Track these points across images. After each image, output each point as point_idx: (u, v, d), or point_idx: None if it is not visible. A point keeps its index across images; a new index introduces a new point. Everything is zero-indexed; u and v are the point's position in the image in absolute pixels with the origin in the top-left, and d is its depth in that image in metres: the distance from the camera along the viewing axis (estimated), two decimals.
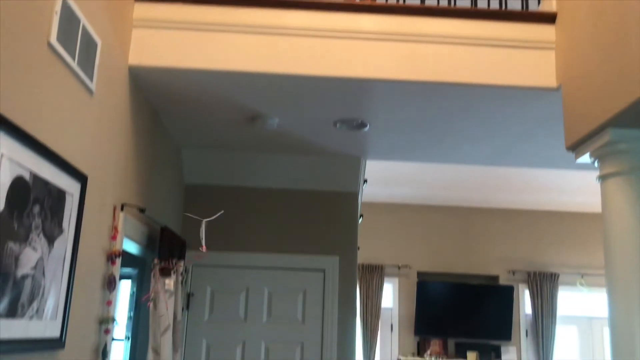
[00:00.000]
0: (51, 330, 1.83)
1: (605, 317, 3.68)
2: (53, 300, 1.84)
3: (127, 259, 3.09)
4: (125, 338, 4.00)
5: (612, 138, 2.26)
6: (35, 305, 1.72)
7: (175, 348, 2.96)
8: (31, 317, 1.70)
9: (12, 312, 1.60)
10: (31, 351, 1.76)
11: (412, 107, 2.84)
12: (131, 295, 3.99)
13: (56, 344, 1.89)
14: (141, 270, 3.79)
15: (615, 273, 3.14)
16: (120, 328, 5.30)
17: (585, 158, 2.53)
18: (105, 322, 2.32)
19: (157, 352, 2.74)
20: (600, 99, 2.28)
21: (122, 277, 5.31)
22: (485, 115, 2.94)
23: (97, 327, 2.28)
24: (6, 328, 1.56)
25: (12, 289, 1.59)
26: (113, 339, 2.43)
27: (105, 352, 2.29)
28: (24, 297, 1.65)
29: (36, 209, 1.71)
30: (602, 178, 2.41)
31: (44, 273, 1.77)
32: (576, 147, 2.52)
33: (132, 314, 3.81)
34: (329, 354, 3.62)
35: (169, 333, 2.84)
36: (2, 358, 1.60)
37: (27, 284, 1.67)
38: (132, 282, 4.05)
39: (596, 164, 2.49)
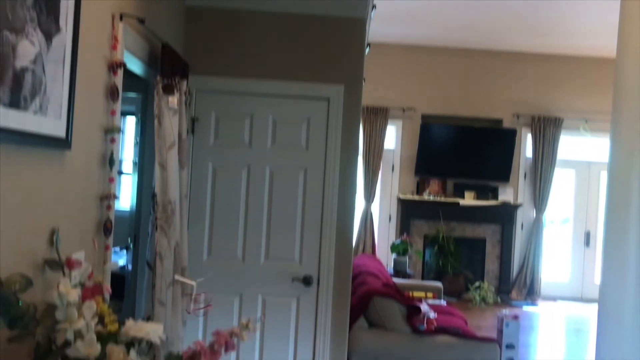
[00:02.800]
0: (56, 128, 1.84)
1: (604, 162, 3.72)
2: (56, 100, 1.83)
3: (130, 83, 3.05)
4: (133, 164, 4.09)
5: None
6: (37, 101, 1.71)
7: (181, 165, 3.02)
8: (35, 112, 1.70)
9: (15, 103, 1.59)
10: (39, 146, 1.79)
11: None
12: (137, 126, 4.02)
13: (63, 143, 1.91)
14: (144, 96, 3.77)
15: (621, 117, 3.13)
16: (127, 164, 5.40)
17: None
18: (111, 131, 2.33)
19: (163, 167, 2.80)
20: None
21: (126, 113, 5.33)
22: None
23: (102, 135, 2.30)
24: (11, 118, 1.56)
25: (12, 80, 1.57)
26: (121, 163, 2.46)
27: (112, 160, 2.34)
28: (26, 90, 1.64)
29: (29, 0, 1.64)
30: None
31: (44, 70, 1.74)
32: None
33: (138, 146, 3.86)
34: (331, 180, 3.71)
35: (174, 150, 2.88)
36: (12, 149, 1.62)
37: (28, 77, 1.65)
38: (137, 120, 4.07)
39: None
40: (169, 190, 2.85)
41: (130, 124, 6.38)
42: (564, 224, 9.30)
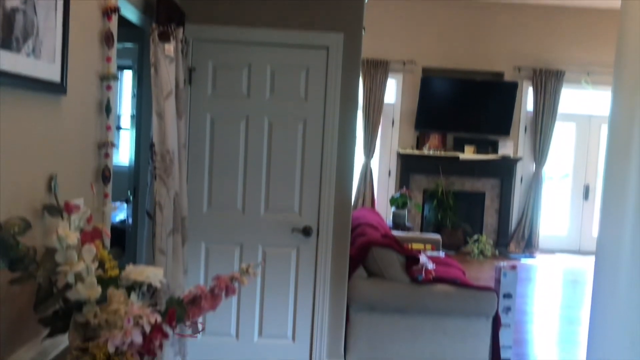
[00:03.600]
0: (50, 72, 1.82)
1: (605, 116, 3.69)
2: (49, 43, 1.80)
3: (126, 33, 2.99)
4: (131, 118, 4.05)
5: None
6: (30, 43, 1.68)
7: (179, 115, 2.99)
8: (28, 55, 1.67)
9: (7, 44, 1.56)
10: (33, 90, 1.76)
11: None
12: (133, 79, 3.97)
13: (58, 88, 1.89)
14: (140, 47, 3.71)
15: (624, 70, 3.07)
16: (125, 120, 5.36)
17: None
18: (107, 78, 2.30)
19: (161, 117, 2.78)
20: None
21: (123, 67, 5.25)
22: None
23: (98, 82, 2.27)
24: (3, 59, 1.54)
25: (2, 20, 1.53)
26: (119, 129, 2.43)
27: (108, 108, 2.32)
28: (17, 31, 1.61)
29: None
30: None
31: (35, 11, 1.70)
32: None
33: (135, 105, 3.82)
34: (330, 131, 3.69)
35: (172, 99, 2.85)
36: (7, 92, 1.60)
37: (19, 18, 1.61)
38: (133, 72, 4.01)
39: None
40: (167, 139, 2.83)
41: (127, 78, 6.32)
42: (563, 179, 9.31)
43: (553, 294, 6.70)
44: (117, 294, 1.73)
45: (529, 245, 8.83)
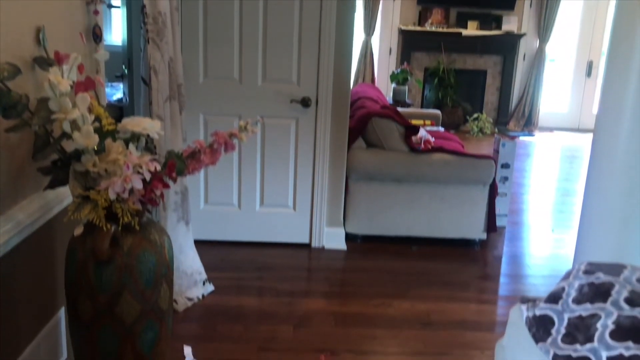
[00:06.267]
0: None
1: None
2: None
3: None
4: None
5: None
6: None
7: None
8: None
9: None
10: None
11: None
12: None
13: None
14: None
15: None
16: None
17: None
18: (92, 1, 2.16)
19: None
20: None
21: None
22: None
23: (84, 6, 2.14)
24: None
25: None
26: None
27: (95, 35, 2.19)
28: None
29: None
30: None
31: None
32: None
33: None
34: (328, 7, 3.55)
35: None
36: None
37: None
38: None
39: None
40: (158, 0, 2.72)
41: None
42: (565, 59, 9.11)
43: (550, 169, 6.78)
44: (116, 145, 1.72)
45: (529, 124, 8.82)
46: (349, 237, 4.03)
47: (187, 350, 2.60)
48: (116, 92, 5.26)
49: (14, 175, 1.71)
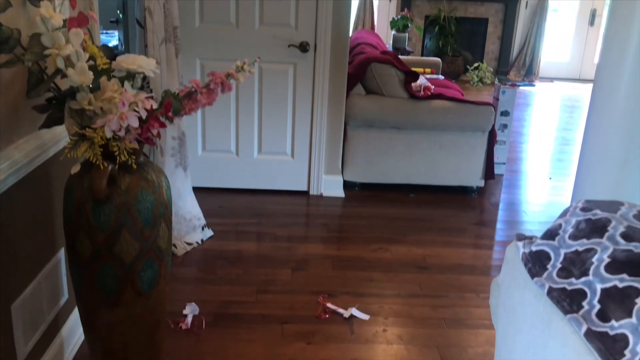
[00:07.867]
0: None
1: None
2: None
3: None
4: None
5: None
6: None
7: None
8: None
9: None
10: None
11: None
12: None
13: None
14: None
15: None
16: None
17: None
18: None
19: None
20: None
21: None
22: None
23: None
24: None
25: None
26: None
27: None
28: None
29: None
30: None
31: None
32: None
33: None
34: None
35: None
36: None
37: None
38: None
39: None
40: None
41: None
42: (568, 8, 8.93)
43: (550, 118, 6.74)
44: (111, 83, 1.70)
45: (529, 73, 8.73)
46: (347, 185, 4.04)
47: (189, 309, 2.64)
48: (111, 40, 5.17)
49: (8, 113, 1.69)
